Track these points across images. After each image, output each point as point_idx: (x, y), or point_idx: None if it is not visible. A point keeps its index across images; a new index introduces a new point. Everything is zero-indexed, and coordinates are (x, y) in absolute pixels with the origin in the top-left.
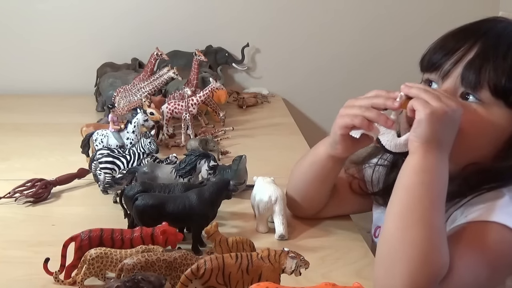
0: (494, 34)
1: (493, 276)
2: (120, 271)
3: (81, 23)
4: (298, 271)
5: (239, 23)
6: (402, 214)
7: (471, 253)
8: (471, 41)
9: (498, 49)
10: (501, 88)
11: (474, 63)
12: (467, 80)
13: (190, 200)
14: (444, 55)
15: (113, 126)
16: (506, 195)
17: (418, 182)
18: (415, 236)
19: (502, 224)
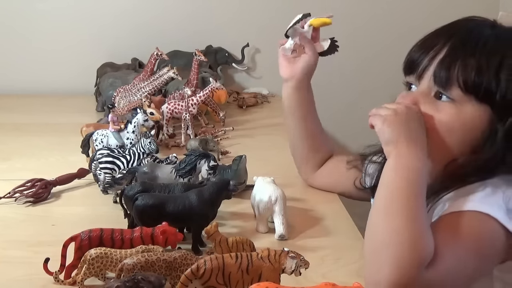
0: (464, 32)
1: (480, 264)
2: (120, 271)
3: (81, 23)
4: (298, 271)
5: (239, 23)
6: (384, 206)
7: (457, 243)
8: (442, 41)
9: (466, 47)
10: (471, 84)
11: (444, 62)
12: (439, 78)
13: (190, 200)
14: (418, 57)
15: (113, 126)
16: (488, 186)
17: (395, 177)
18: (398, 225)
19: (485, 214)
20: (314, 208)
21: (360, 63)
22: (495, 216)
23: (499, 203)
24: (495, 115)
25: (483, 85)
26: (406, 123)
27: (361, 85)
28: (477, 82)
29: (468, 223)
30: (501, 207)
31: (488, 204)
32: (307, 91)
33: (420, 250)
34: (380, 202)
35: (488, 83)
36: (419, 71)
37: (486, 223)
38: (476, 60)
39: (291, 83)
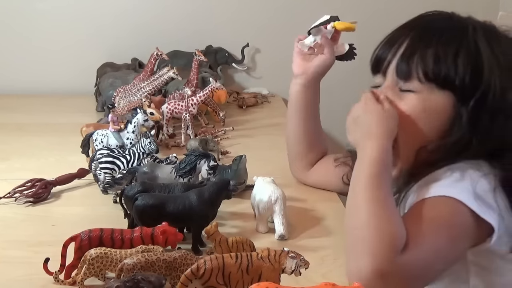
0: (422, 26)
1: (454, 247)
2: (120, 271)
3: (81, 23)
4: (298, 271)
5: (239, 23)
6: (352, 202)
7: (430, 227)
8: (403, 36)
9: (424, 39)
10: (430, 73)
11: (404, 56)
12: (400, 72)
13: (190, 200)
14: (382, 53)
15: (113, 126)
16: (456, 171)
17: (359, 171)
18: (365, 217)
19: (454, 198)
20: (314, 208)
21: (360, 63)
22: (463, 201)
23: (467, 187)
24: (458, 100)
25: (442, 73)
26: (361, 122)
27: (361, 85)
28: (436, 70)
29: (438, 208)
30: (469, 192)
31: (456, 189)
32: (314, 91)
33: (389, 235)
34: (348, 198)
35: (447, 70)
36: (384, 67)
37: (456, 207)
38: (434, 50)
39: (301, 80)
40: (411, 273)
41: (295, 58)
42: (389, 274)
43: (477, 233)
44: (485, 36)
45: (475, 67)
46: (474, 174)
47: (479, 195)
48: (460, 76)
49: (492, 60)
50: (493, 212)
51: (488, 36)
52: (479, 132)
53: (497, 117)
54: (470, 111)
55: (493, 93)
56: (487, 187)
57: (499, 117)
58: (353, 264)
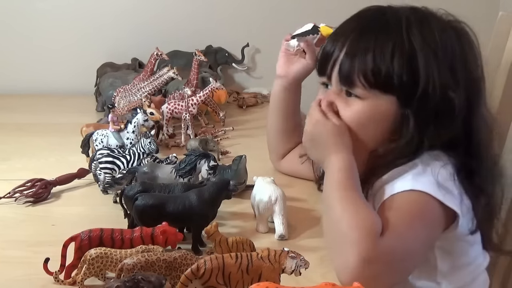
0: (358, 29)
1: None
2: (120, 271)
3: (81, 23)
4: (298, 271)
5: (239, 23)
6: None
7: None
8: (343, 39)
9: (360, 45)
10: (371, 79)
11: (345, 63)
12: (343, 79)
13: (190, 200)
14: (325, 59)
15: (113, 126)
16: (418, 164)
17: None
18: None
19: (420, 191)
20: (314, 208)
21: None
22: (429, 192)
23: (430, 178)
24: (401, 102)
25: (381, 77)
26: (317, 142)
27: None
28: (376, 76)
29: (408, 201)
30: (432, 182)
31: (421, 182)
32: (295, 92)
33: (365, 221)
34: (324, 205)
35: (386, 74)
36: (328, 74)
37: (423, 199)
38: (371, 54)
39: (282, 81)
40: (394, 257)
41: (280, 58)
42: (374, 258)
43: (445, 220)
44: (419, 29)
45: (411, 65)
46: (434, 165)
47: (441, 184)
48: (398, 77)
49: (428, 55)
50: (455, 199)
51: (422, 29)
52: (427, 131)
53: (442, 113)
54: (415, 112)
55: (433, 89)
56: (447, 176)
57: (444, 113)
58: (339, 258)
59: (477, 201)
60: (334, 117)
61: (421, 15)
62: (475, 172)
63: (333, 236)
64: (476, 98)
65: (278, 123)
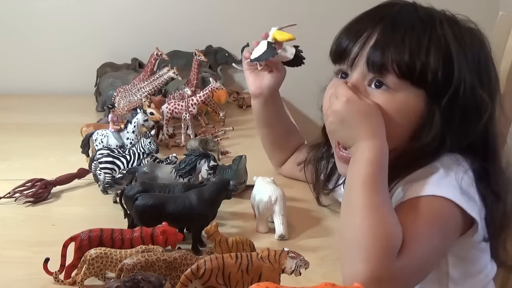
0: (390, 18)
1: (445, 244)
2: (120, 271)
3: (81, 23)
4: (298, 271)
5: (239, 23)
6: (346, 204)
7: (420, 228)
8: (370, 27)
9: (396, 32)
10: (405, 68)
11: (376, 48)
12: (373, 65)
13: (190, 200)
14: (347, 44)
15: (113, 126)
16: (440, 168)
17: (355, 169)
18: (360, 219)
19: (442, 197)
20: (314, 208)
21: None
22: (451, 198)
23: (453, 183)
24: (430, 98)
25: (417, 69)
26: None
27: None
28: (411, 66)
29: (427, 207)
30: (456, 188)
31: (443, 187)
32: (275, 104)
33: (385, 241)
34: (343, 202)
35: (421, 66)
36: (351, 59)
37: (444, 205)
38: (408, 44)
39: (260, 100)
40: (408, 275)
41: (247, 77)
42: (386, 279)
43: (462, 226)
44: (451, 29)
45: (446, 62)
46: (458, 169)
47: (465, 190)
48: (433, 73)
49: (460, 55)
50: (476, 205)
51: (453, 29)
52: (451, 131)
53: (468, 114)
54: (442, 110)
55: (463, 89)
56: (469, 182)
57: (470, 114)
58: (349, 269)
59: (492, 208)
60: (366, 97)
61: (449, 15)
62: (491, 178)
63: (348, 241)
64: (494, 102)
65: (268, 136)
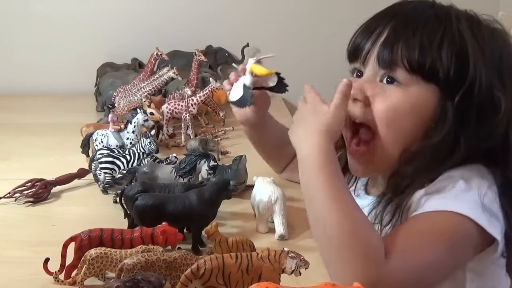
0: (404, 14)
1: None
2: (120, 271)
3: (81, 23)
4: (298, 271)
5: (239, 23)
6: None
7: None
8: (383, 24)
9: (407, 27)
10: (415, 63)
11: (387, 43)
12: (383, 60)
13: (190, 200)
14: (361, 41)
15: (113, 126)
16: (461, 180)
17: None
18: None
19: (461, 214)
20: None
21: None
22: (471, 216)
23: (475, 199)
24: (443, 94)
25: (427, 64)
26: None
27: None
28: (421, 61)
29: (441, 222)
30: (477, 204)
31: (463, 202)
32: (263, 127)
33: (365, 249)
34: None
35: (432, 61)
36: (363, 56)
37: (460, 222)
38: (418, 39)
39: (247, 127)
40: (405, 280)
41: (232, 107)
42: (379, 283)
43: (481, 244)
44: (468, 25)
45: (460, 58)
46: (481, 184)
47: (487, 206)
48: (445, 68)
49: (477, 51)
50: (498, 222)
51: (471, 25)
52: (465, 130)
53: (483, 114)
54: (456, 107)
55: (479, 87)
56: (493, 198)
57: (486, 113)
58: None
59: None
60: None
61: (469, 13)
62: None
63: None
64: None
65: (263, 151)
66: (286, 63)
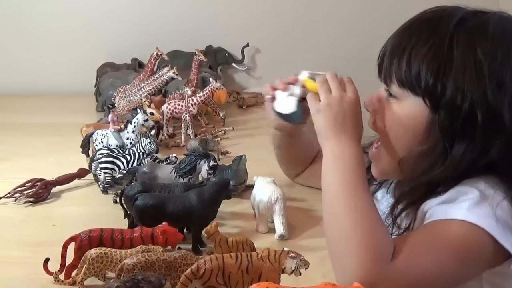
0: (404, 28)
1: (461, 267)
2: (120, 271)
3: (81, 23)
4: (298, 271)
5: (239, 23)
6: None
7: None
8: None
9: (400, 43)
10: (403, 77)
11: (384, 59)
12: (383, 76)
13: (190, 200)
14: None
15: (113, 126)
16: (475, 191)
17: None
18: (347, 230)
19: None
20: (314, 208)
21: (361, 64)
22: (484, 227)
23: (488, 211)
24: (428, 106)
25: (413, 79)
26: (336, 116)
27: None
28: (407, 74)
29: (455, 232)
30: (491, 216)
31: (477, 214)
32: (296, 135)
33: (374, 248)
34: (325, 207)
35: (416, 74)
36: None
37: (474, 233)
38: (407, 54)
39: (280, 133)
40: (407, 282)
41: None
42: (381, 283)
43: (495, 257)
44: (469, 35)
45: (442, 71)
46: (495, 195)
47: (501, 218)
48: (425, 79)
49: (467, 64)
50: None
51: (474, 35)
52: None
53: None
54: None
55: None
56: (507, 209)
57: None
58: (340, 277)
59: None
60: None
61: (482, 20)
62: None
63: (336, 248)
64: None
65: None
66: (287, 63)
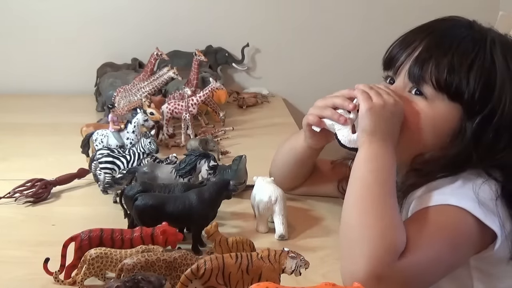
0: (439, 32)
1: (455, 255)
2: (120, 271)
3: (81, 23)
4: (298, 271)
5: (239, 23)
6: (356, 203)
7: (431, 235)
8: (419, 39)
9: (440, 46)
10: (443, 82)
11: (418, 60)
12: (412, 75)
13: (190, 200)
14: (396, 53)
15: (113, 126)
16: (458, 178)
17: (366, 171)
18: (370, 219)
19: (458, 207)
20: (314, 208)
21: (361, 63)
22: (467, 209)
23: (470, 194)
24: (465, 114)
25: (454, 85)
26: (386, 119)
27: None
28: (449, 81)
29: (441, 216)
30: (473, 198)
31: (458, 197)
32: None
33: (391, 241)
34: (351, 197)
35: (459, 83)
36: (396, 67)
37: (460, 216)
38: (449, 59)
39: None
40: (410, 277)
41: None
42: (386, 278)
43: (481, 240)
44: (503, 50)
45: (487, 83)
46: (476, 181)
47: (482, 201)
48: (470, 91)
49: (506, 77)
50: (495, 218)
51: (506, 51)
52: (480, 149)
53: (501, 136)
54: (475, 127)
55: (502, 111)
56: (489, 194)
57: (504, 136)
58: (349, 264)
59: None
60: None
61: (504, 37)
62: None
63: (349, 237)
64: None
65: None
66: (287, 63)
